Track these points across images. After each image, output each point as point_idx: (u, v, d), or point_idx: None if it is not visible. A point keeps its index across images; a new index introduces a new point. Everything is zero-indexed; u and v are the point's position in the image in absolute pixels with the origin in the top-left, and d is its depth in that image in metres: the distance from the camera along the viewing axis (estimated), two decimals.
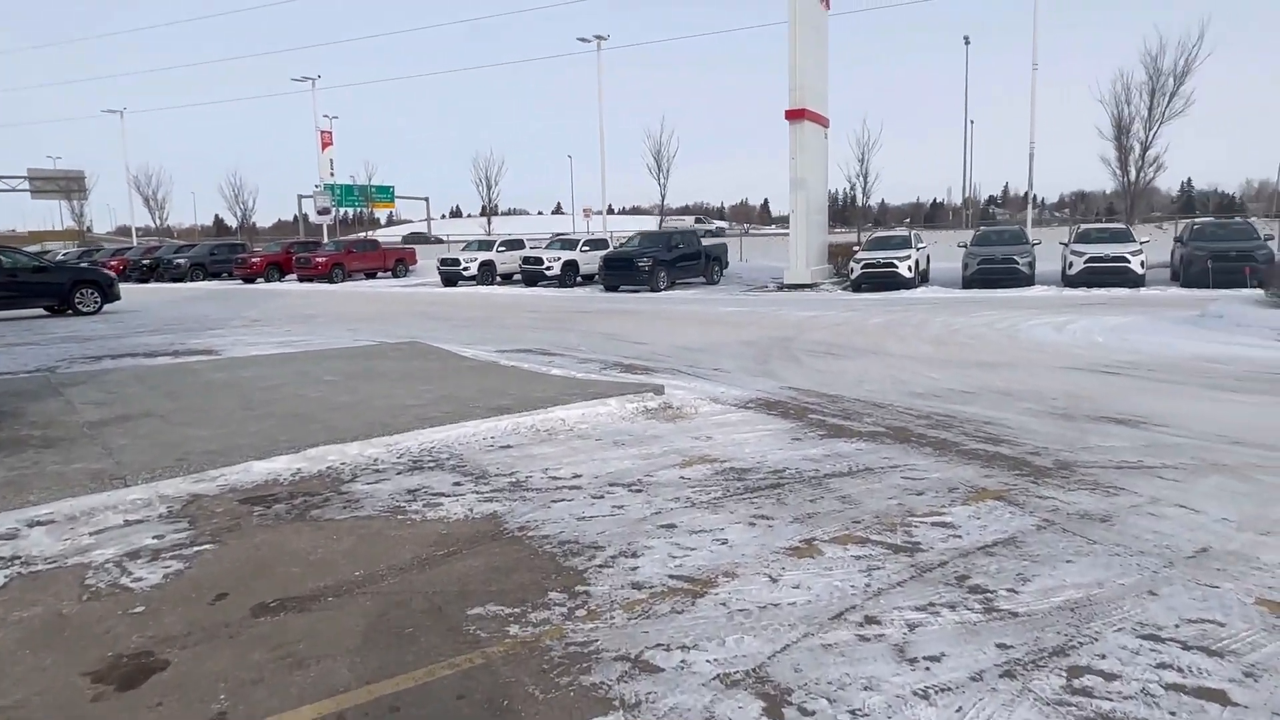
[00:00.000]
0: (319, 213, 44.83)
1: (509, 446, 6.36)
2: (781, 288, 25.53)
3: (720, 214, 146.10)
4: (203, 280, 37.61)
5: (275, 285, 33.95)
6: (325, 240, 40.55)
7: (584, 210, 38.29)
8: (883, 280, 23.38)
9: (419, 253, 40.49)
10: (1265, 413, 7.09)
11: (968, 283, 22.87)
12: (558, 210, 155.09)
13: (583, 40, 34.01)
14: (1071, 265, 21.66)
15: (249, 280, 35.66)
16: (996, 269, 22.43)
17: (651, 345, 12.54)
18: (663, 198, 34.28)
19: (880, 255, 23.66)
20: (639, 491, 5.18)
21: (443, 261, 31.14)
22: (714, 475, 5.51)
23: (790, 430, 6.76)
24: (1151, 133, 26.42)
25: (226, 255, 38.45)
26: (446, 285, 30.83)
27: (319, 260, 33.87)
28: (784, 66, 24.66)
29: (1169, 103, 26.07)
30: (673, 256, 26.67)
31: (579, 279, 29.22)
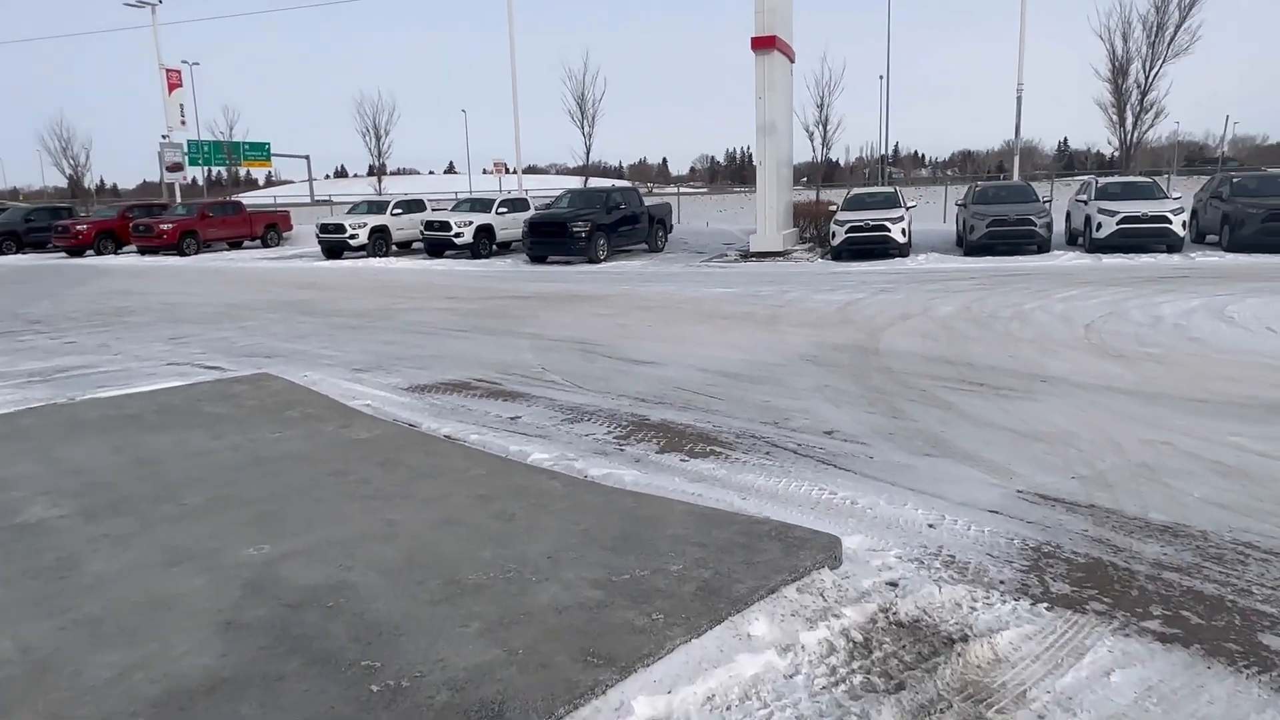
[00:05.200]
0: (168, 170, 37.35)
1: None
2: (746, 256, 21.11)
3: (620, 174, 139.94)
4: (16, 254, 30.25)
5: (108, 260, 27.15)
6: (177, 203, 33.46)
7: (496, 165, 32.23)
8: (872, 246, 19.24)
9: (296, 217, 34.04)
10: None
11: (972, 249, 19.00)
12: (450, 170, 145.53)
13: None
14: (1100, 227, 18.01)
15: (75, 254, 28.66)
16: (1011, 231, 18.57)
17: (664, 366, 7.83)
18: (588, 150, 29.10)
19: (868, 217, 19.46)
20: None
21: (323, 228, 25.15)
22: None
23: None
24: (1153, 72, 23.10)
25: (48, 222, 31.01)
26: (329, 257, 24.97)
27: (164, 228, 27.14)
28: None
29: (1173, 38, 22.75)
30: (613, 220, 21.76)
31: (494, 248, 24.01)
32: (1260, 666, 2.72)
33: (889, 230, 19.06)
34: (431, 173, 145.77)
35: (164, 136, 36.70)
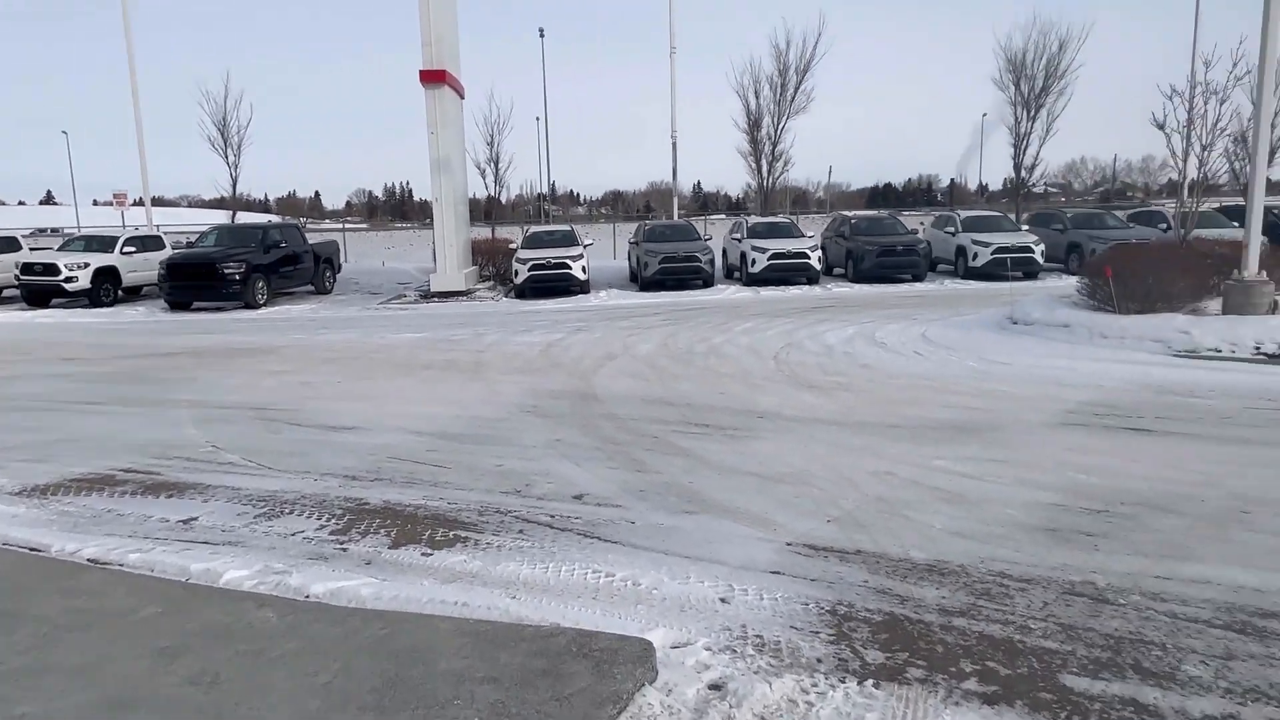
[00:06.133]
0: None
1: None
2: (428, 296, 20.16)
3: (266, 207, 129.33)
4: None
5: None
6: None
7: (115, 197, 27.28)
8: (555, 284, 19.42)
9: None
10: None
11: (647, 284, 20.04)
12: (49, 201, 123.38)
13: None
14: (754, 262, 19.98)
15: None
16: (681, 267, 19.87)
17: (369, 431, 6.83)
18: (234, 182, 25.92)
19: (549, 255, 19.64)
20: None
21: None
22: None
23: None
24: (780, 126, 26.39)
25: None
26: None
27: None
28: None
29: (793, 97, 26.20)
30: (273, 259, 19.54)
31: (120, 294, 20.32)
32: (1079, 714, 2.74)
33: (570, 268, 19.35)
34: (22, 204, 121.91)
35: None
